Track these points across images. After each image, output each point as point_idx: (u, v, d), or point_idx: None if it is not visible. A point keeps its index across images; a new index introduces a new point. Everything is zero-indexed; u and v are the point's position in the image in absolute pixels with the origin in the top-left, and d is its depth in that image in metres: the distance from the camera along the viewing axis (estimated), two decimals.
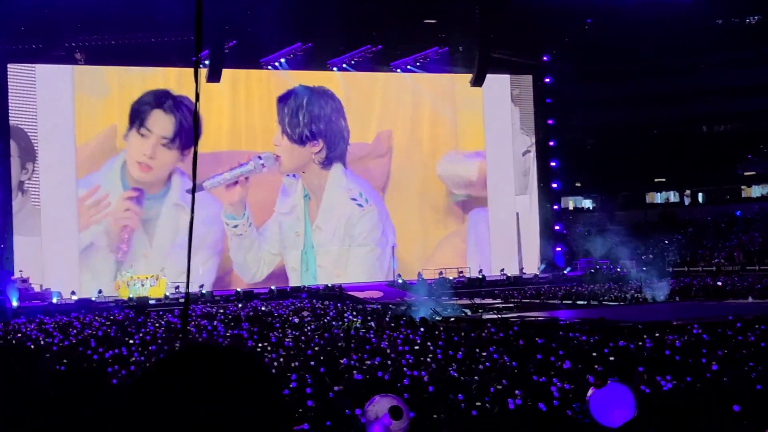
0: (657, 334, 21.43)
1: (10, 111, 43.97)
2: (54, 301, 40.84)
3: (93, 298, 41.78)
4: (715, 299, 37.10)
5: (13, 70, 44.04)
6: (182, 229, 44.92)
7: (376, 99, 51.36)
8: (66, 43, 44.93)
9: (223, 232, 47.13)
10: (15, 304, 39.17)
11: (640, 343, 19.59)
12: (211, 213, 46.06)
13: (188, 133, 44.27)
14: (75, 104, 45.15)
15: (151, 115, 45.81)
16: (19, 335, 28.52)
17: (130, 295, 41.57)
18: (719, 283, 41.17)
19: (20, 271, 42.34)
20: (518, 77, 54.48)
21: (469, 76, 51.75)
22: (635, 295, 39.09)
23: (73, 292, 42.15)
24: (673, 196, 63.50)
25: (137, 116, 45.67)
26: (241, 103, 48.70)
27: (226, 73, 45.63)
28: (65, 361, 19.27)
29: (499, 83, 53.53)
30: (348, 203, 49.74)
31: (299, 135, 49.08)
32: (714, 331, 21.61)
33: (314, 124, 49.41)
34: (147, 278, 42.77)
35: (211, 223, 45.86)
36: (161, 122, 45.90)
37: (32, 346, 25.53)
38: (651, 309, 33.78)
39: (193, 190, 4.75)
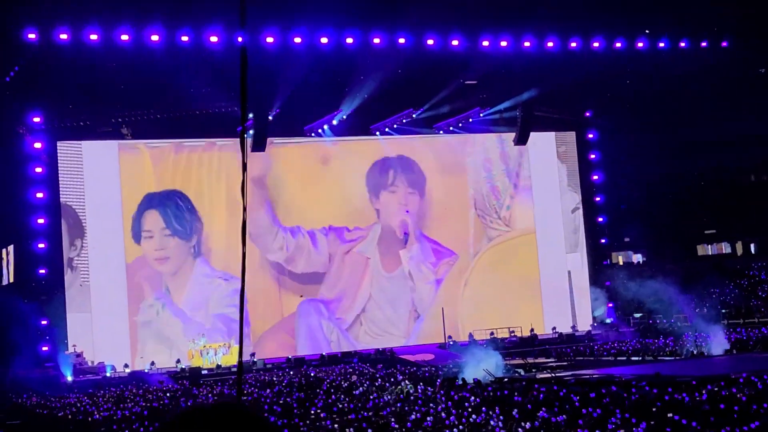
0: (715, 389, 21.06)
1: (60, 189, 44.55)
2: (108, 374, 41.05)
3: (146, 370, 41.93)
4: None
5: (62, 147, 44.73)
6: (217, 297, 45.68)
7: (427, 162, 51.47)
8: (112, 118, 45.67)
9: None
10: (69, 378, 39.41)
11: (698, 398, 19.26)
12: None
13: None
14: (121, 178, 45.72)
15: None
16: (74, 409, 28.67)
17: (219, 363, 41.95)
18: None
19: (74, 346, 42.65)
20: (563, 134, 54.40)
21: (512, 135, 51.84)
22: (691, 350, 38.51)
23: (126, 365, 42.36)
24: (725, 247, 62.70)
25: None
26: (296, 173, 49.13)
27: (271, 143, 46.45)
28: None
29: (543, 141, 53.47)
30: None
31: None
32: None
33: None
34: (220, 346, 43.08)
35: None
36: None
37: (87, 419, 25.67)
38: (708, 363, 33.24)
39: (243, 259, 4.72)
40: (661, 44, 49.04)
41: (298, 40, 42.66)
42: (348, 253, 49.43)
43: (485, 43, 46.43)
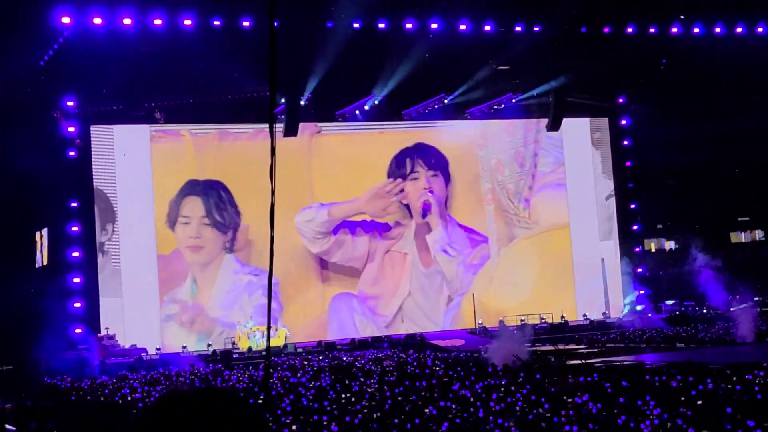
0: (748, 377, 20.90)
1: (93, 173, 44.66)
2: (140, 357, 41.33)
3: (180, 352, 42.25)
4: None
5: (96, 131, 44.85)
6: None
7: (448, 148, 50.78)
8: (146, 103, 45.78)
9: None
10: (102, 361, 39.66)
11: (730, 386, 19.14)
12: None
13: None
14: (153, 163, 45.72)
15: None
16: (107, 391, 28.91)
17: (250, 346, 42.18)
18: None
19: (106, 328, 42.92)
20: (598, 120, 53.96)
21: (545, 121, 51.56)
22: (723, 337, 38.26)
23: (158, 348, 42.64)
24: (758, 235, 62.18)
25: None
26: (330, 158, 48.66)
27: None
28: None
29: (577, 127, 53.05)
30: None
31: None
32: None
33: None
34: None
35: None
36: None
37: (119, 402, 25.88)
38: (740, 351, 32.99)
39: (272, 243, 4.72)
40: (696, 30, 48.62)
41: (330, 24, 42.67)
42: (388, 252, 49.08)
43: (518, 29, 46.28)
